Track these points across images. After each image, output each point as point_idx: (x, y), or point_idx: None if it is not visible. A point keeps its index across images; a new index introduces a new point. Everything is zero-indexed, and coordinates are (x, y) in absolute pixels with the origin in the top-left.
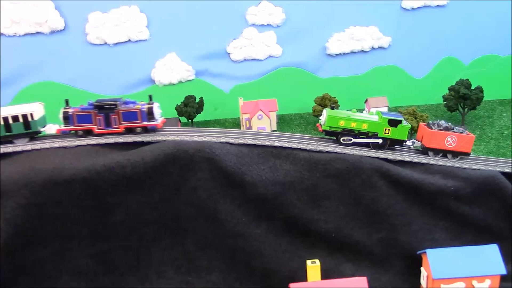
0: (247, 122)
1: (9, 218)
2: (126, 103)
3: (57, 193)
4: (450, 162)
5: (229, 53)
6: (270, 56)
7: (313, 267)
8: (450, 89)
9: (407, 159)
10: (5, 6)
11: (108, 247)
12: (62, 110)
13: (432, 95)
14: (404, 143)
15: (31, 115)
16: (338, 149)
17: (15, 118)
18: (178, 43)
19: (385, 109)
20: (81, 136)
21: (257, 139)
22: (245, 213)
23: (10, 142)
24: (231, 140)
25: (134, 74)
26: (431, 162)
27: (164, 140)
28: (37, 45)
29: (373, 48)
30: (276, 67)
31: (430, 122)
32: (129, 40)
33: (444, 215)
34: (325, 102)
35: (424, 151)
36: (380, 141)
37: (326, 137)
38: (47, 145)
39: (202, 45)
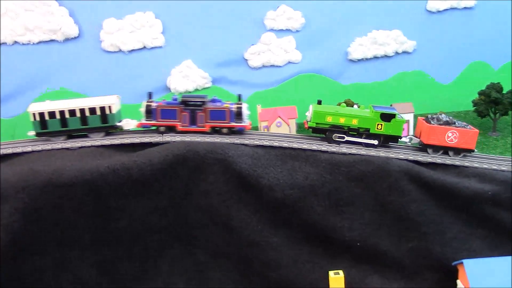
0: (265, 129)
1: (6, 224)
2: (213, 101)
3: (57, 196)
4: (487, 164)
5: (246, 60)
6: (289, 62)
7: (336, 278)
8: (480, 93)
9: (439, 161)
10: (19, 14)
11: (112, 256)
12: (144, 103)
13: (460, 101)
14: (399, 139)
15: (109, 107)
16: (363, 150)
17: (92, 111)
18: (194, 49)
19: (411, 116)
20: (163, 133)
21: (274, 140)
22: (261, 220)
23: (85, 136)
24: (246, 141)
25: (150, 82)
26: (466, 164)
27: (173, 141)
28: (51, 53)
29: (397, 53)
30: (296, 74)
31: (429, 116)
32: (144, 47)
33: (481, 223)
34: None
35: (423, 148)
36: (375, 142)
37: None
38: (48, 146)
39: (219, 51)
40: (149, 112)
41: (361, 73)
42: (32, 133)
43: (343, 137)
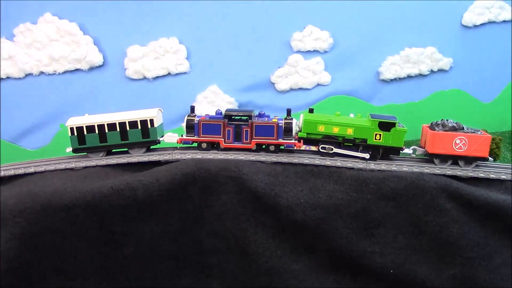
0: None
1: (1, 251)
2: (260, 115)
3: (57, 220)
4: None
5: (273, 83)
6: (318, 84)
7: None
8: None
9: (481, 175)
10: (45, 44)
11: (117, 286)
12: (186, 118)
13: (502, 120)
14: (401, 151)
15: (151, 121)
16: (394, 166)
17: (133, 124)
18: (220, 74)
19: None
20: (205, 149)
21: (293, 157)
22: (280, 245)
23: (126, 152)
24: (262, 158)
25: (175, 109)
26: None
27: (183, 159)
28: (76, 82)
29: (432, 71)
30: (325, 96)
31: (433, 122)
32: (169, 73)
33: None
34: None
35: (429, 159)
36: (366, 156)
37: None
38: (51, 167)
39: (244, 75)
40: (191, 127)
41: (394, 93)
42: (69, 149)
43: (331, 149)
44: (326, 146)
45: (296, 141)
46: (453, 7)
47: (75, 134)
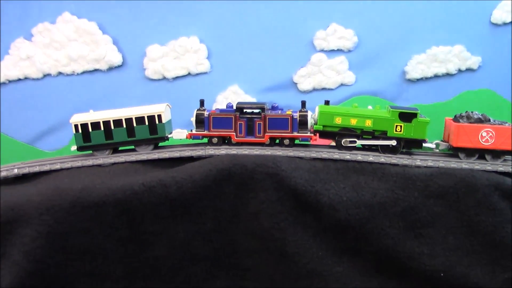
0: None
1: (28, 251)
2: (274, 108)
3: (86, 219)
4: None
5: (296, 83)
6: (341, 84)
7: None
8: None
9: None
10: (64, 44)
11: None
12: (195, 112)
13: None
14: (423, 143)
15: (159, 117)
16: (441, 162)
17: (140, 120)
18: (241, 74)
19: None
20: (215, 144)
21: (334, 152)
22: (321, 246)
23: (132, 150)
24: (301, 154)
25: (194, 109)
26: None
27: (217, 154)
28: (95, 82)
29: (460, 71)
30: (349, 96)
31: (457, 115)
32: (189, 73)
33: None
34: None
35: (454, 153)
36: (393, 142)
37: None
38: (78, 163)
39: (266, 75)
40: (201, 122)
41: (420, 93)
42: (74, 147)
43: (355, 141)
44: (350, 139)
45: (312, 134)
46: (482, 4)
47: (80, 131)
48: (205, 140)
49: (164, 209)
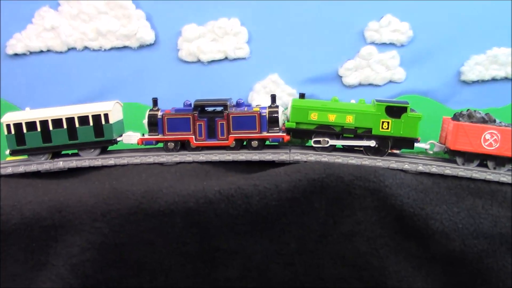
0: None
1: (76, 264)
2: (239, 105)
3: (148, 229)
4: None
5: (341, 76)
6: (390, 81)
7: None
8: None
9: None
10: (92, 16)
11: None
12: (147, 113)
13: None
14: (416, 143)
15: (106, 116)
16: None
17: (84, 120)
18: (282, 62)
19: None
20: (172, 150)
21: (445, 166)
22: (428, 280)
23: (76, 155)
24: (405, 166)
25: (229, 98)
26: None
27: (305, 161)
28: (123, 60)
29: None
30: (397, 95)
31: (457, 113)
32: (226, 58)
33: None
34: None
35: (450, 157)
36: (372, 143)
37: None
38: (137, 160)
39: (310, 65)
40: (154, 124)
41: (475, 97)
42: (8, 151)
43: (327, 141)
44: (321, 139)
45: (284, 134)
46: None
47: (13, 132)
48: (161, 145)
49: (242, 224)
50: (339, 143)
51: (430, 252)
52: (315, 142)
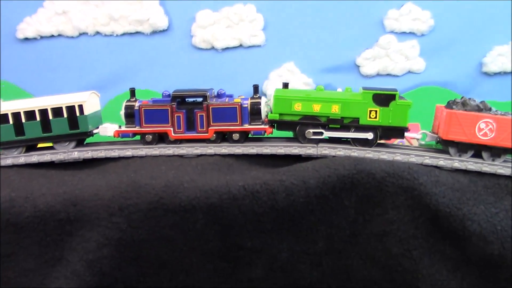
0: None
1: (92, 260)
2: (219, 95)
3: (168, 225)
4: None
5: (358, 66)
6: (409, 71)
7: None
8: None
9: None
10: (104, 1)
11: None
12: (124, 104)
13: None
14: (406, 132)
15: (80, 107)
16: None
17: (57, 112)
18: (298, 51)
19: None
20: (150, 143)
21: (483, 163)
22: (463, 284)
23: (51, 148)
24: (441, 162)
25: (243, 85)
26: None
27: (333, 156)
28: (135, 46)
29: None
30: (416, 86)
31: (451, 101)
32: (241, 45)
33: None
34: None
35: (444, 148)
36: (369, 135)
37: None
38: (156, 151)
39: (326, 54)
40: (131, 116)
41: (496, 89)
42: None
43: (321, 133)
44: (308, 130)
45: (267, 126)
46: None
47: None
48: (138, 137)
49: (268, 221)
50: (337, 135)
51: (466, 255)
52: (314, 133)
